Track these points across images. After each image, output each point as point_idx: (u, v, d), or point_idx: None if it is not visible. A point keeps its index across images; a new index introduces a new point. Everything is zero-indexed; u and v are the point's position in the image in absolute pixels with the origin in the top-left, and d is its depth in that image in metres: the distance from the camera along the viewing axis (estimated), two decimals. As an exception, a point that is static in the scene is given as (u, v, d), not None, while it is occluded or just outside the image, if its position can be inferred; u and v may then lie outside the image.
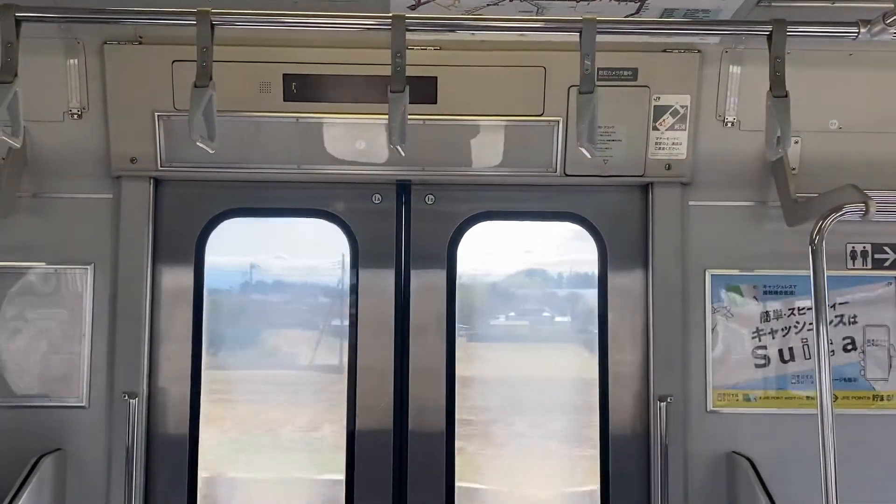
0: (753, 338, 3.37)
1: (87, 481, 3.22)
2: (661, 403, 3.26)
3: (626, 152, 3.29)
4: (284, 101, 3.21)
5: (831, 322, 3.32)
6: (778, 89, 2.41)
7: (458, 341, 3.41)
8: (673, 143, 3.29)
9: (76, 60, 3.18)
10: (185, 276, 3.38)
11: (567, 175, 3.32)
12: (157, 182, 3.36)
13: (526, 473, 3.49)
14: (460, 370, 3.40)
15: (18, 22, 2.40)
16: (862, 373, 3.37)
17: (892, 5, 2.31)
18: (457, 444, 3.38)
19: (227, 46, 2.62)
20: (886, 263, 3.40)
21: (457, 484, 3.38)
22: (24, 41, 2.42)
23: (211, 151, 2.49)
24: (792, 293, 3.37)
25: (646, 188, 3.41)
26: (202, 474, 3.37)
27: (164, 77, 3.15)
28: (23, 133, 2.47)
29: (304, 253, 3.55)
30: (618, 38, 2.84)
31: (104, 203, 3.31)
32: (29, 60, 2.50)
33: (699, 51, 3.23)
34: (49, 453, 3.13)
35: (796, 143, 3.28)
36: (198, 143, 2.38)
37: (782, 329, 3.38)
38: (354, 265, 3.43)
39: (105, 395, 3.25)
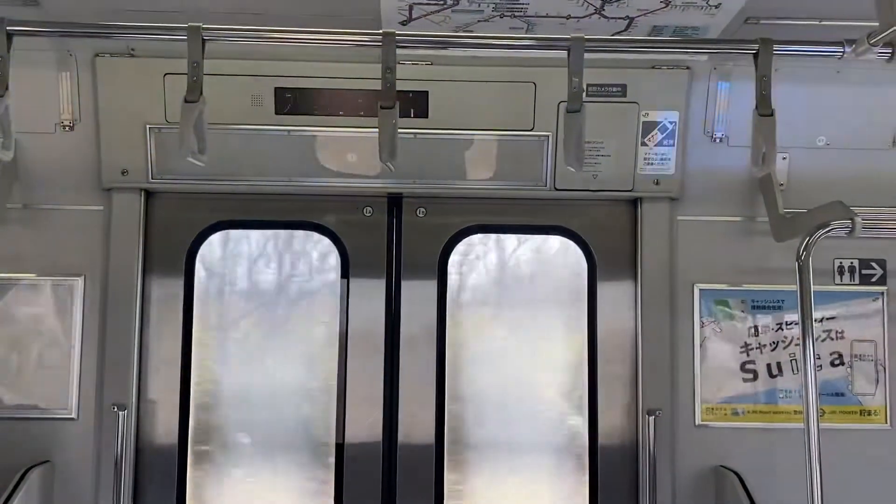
0: (741, 352, 3.39)
1: (75, 493, 3.21)
2: (650, 417, 3.27)
3: (614, 167, 3.31)
4: (276, 114, 3.22)
5: (819, 337, 3.34)
6: (764, 108, 2.44)
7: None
8: (661, 159, 3.31)
9: (68, 73, 3.19)
10: (175, 288, 3.38)
11: (557, 189, 3.34)
12: (148, 194, 3.36)
13: (514, 487, 3.49)
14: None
15: (10, 36, 2.40)
16: (849, 388, 3.39)
17: (877, 24, 2.33)
18: (446, 456, 3.39)
19: (218, 60, 2.63)
20: (873, 279, 3.42)
21: (446, 496, 3.38)
22: (15, 53, 2.42)
23: (202, 166, 2.50)
24: (780, 308, 3.39)
25: (634, 203, 3.43)
26: (191, 486, 3.36)
27: (155, 90, 3.16)
28: (14, 146, 2.48)
29: (295, 265, 3.55)
30: (606, 56, 2.86)
31: (95, 215, 3.31)
32: (21, 72, 2.50)
33: (688, 67, 3.25)
34: (37, 465, 3.12)
35: (784, 159, 3.31)
36: (188, 159, 2.38)
37: (770, 344, 3.40)
38: (345, 277, 3.43)
39: (94, 407, 3.24)
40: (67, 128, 3.25)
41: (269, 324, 3.52)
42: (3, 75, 2.38)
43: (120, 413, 3.18)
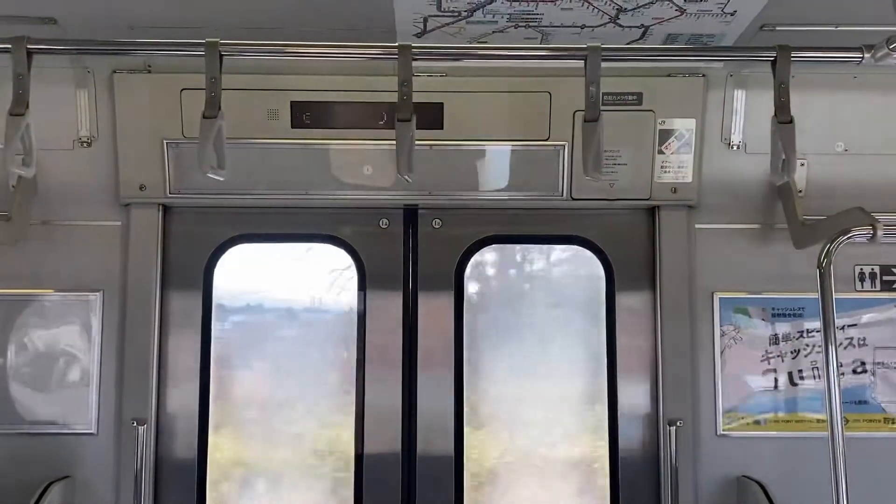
0: (763, 360, 3.35)
1: None
2: (671, 427, 3.25)
3: (631, 176, 3.30)
4: (292, 127, 3.23)
5: (841, 344, 3.30)
6: (782, 115, 2.42)
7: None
8: (679, 167, 3.30)
9: (86, 90, 3.21)
10: (193, 303, 3.39)
11: (573, 199, 3.33)
12: (166, 209, 3.38)
13: (534, 499, 3.47)
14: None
15: (30, 54, 2.43)
16: (872, 395, 3.35)
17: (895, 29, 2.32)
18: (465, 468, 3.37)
19: (235, 75, 2.64)
20: (895, 285, 3.39)
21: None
22: (34, 70, 2.45)
23: (220, 180, 2.51)
24: (801, 315, 3.36)
25: (652, 211, 3.41)
26: (211, 501, 3.35)
27: (172, 105, 3.18)
28: (35, 163, 2.50)
29: (312, 277, 3.56)
30: (622, 65, 2.86)
31: (113, 230, 3.33)
32: (39, 89, 2.52)
33: (703, 75, 3.24)
34: (58, 480, 3.12)
35: (802, 165, 3.29)
36: (208, 174, 2.40)
37: (791, 352, 3.36)
38: (362, 289, 3.43)
39: (114, 422, 3.25)
40: (85, 144, 3.27)
41: (286, 337, 3.52)
42: (23, 93, 2.40)
43: (140, 428, 3.18)
